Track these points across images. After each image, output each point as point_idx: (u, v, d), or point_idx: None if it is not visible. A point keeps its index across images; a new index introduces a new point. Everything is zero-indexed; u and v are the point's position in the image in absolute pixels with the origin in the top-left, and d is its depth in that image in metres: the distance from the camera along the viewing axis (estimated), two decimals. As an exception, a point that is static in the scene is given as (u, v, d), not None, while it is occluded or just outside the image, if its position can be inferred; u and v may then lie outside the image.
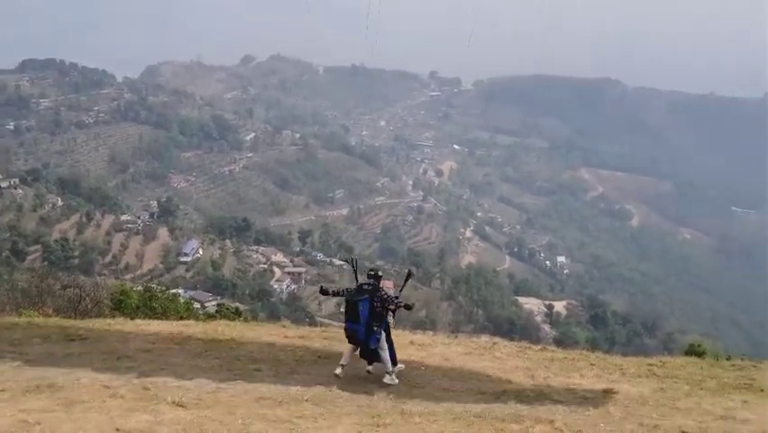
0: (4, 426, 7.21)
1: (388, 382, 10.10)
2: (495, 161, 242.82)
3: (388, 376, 10.20)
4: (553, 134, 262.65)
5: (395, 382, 10.13)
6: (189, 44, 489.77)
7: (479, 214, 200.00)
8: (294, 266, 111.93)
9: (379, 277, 10.60)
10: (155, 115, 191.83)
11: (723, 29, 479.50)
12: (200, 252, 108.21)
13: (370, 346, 10.25)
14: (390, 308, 10.40)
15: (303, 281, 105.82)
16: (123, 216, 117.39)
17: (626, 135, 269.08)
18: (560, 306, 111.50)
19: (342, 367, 10.30)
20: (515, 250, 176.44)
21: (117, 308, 20.31)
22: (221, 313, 25.50)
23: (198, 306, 44.22)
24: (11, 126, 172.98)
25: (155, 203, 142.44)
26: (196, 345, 12.29)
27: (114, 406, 8.19)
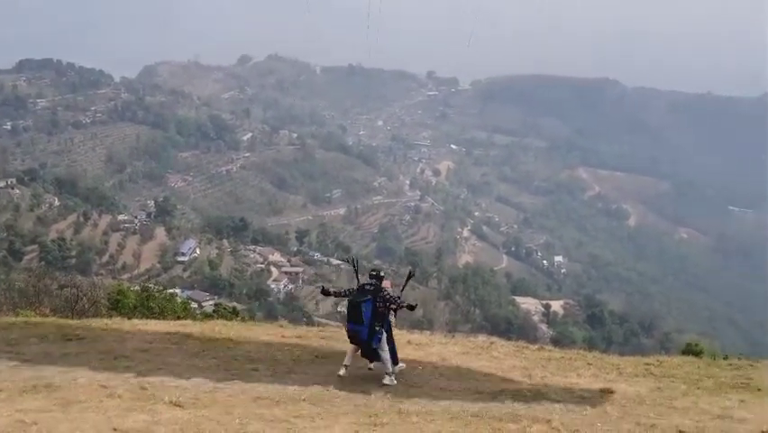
0: (0, 426, 7.20)
1: (387, 383, 10.09)
2: (492, 161, 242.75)
3: (387, 377, 10.20)
4: (551, 134, 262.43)
5: (394, 384, 10.12)
6: (186, 44, 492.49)
7: (476, 213, 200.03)
8: (291, 266, 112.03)
9: (381, 277, 10.59)
10: (152, 114, 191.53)
11: (723, 29, 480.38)
12: (197, 251, 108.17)
13: (372, 347, 10.26)
14: (393, 308, 10.42)
15: (300, 281, 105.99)
16: (121, 216, 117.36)
17: (624, 135, 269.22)
18: (557, 305, 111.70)
19: (346, 368, 10.33)
20: (512, 249, 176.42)
21: (114, 308, 20.31)
22: (218, 313, 25.50)
23: (195, 306, 44.34)
24: (8, 126, 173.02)
25: (152, 203, 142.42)
26: (193, 344, 12.29)
27: (112, 406, 8.17)
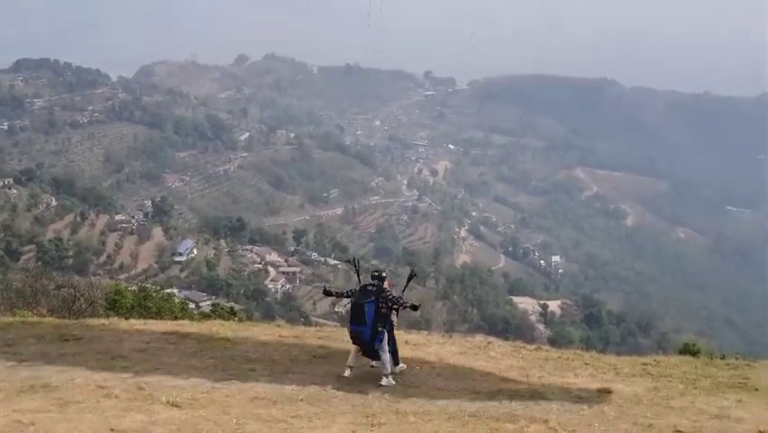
0: (-2, 426, 7.20)
1: (385, 384, 10.10)
2: (490, 161, 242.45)
3: (385, 379, 10.21)
4: (549, 134, 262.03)
5: (392, 384, 10.14)
6: (184, 44, 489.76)
7: (473, 213, 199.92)
8: (288, 266, 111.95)
9: (383, 278, 10.61)
10: (149, 114, 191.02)
11: (722, 29, 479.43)
12: (195, 251, 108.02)
13: (374, 347, 10.31)
14: (395, 309, 10.46)
15: (298, 281, 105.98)
16: (118, 216, 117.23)
17: (622, 135, 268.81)
18: (554, 305, 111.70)
19: (351, 369, 10.41)
20: (509, 249, 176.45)
21: (112, 308, 20.32)
22: (215, 313, 25.54)
23: (193, 306, 44.34)
24: (5, 126, 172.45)
25: (149, 203, 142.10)
26: (190, 344, 12.28)
27: (109, 406, 8.16)
